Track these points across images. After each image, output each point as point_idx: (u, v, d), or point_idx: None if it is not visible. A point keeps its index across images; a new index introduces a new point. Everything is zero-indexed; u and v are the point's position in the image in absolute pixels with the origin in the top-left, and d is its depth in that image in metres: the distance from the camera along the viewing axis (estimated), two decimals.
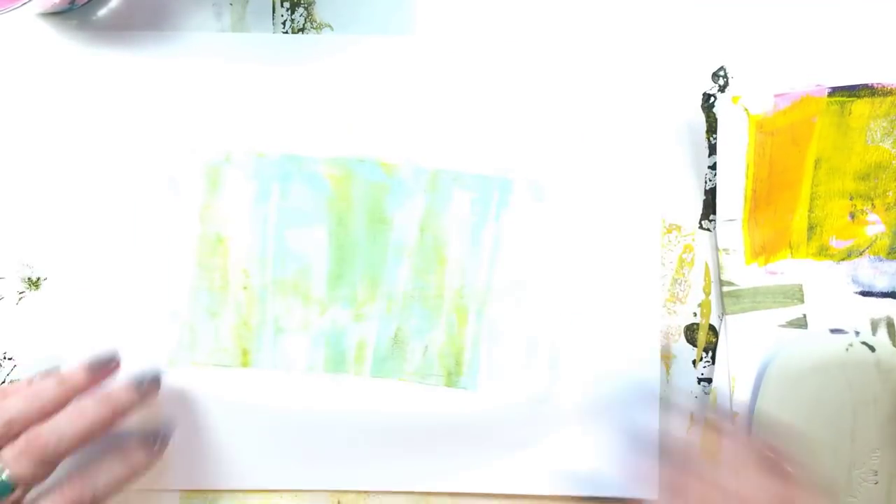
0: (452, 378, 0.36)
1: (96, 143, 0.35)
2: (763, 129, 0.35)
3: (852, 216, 0.36)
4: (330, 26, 0.36)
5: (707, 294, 0.37)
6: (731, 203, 0.35)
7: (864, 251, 0.36)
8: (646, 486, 0.35)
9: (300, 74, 0.35)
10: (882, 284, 0.36)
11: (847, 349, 0.35)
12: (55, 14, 0.35)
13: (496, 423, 0.36)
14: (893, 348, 0.36)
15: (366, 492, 0.38)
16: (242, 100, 0.36)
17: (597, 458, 0.36)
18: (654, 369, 0.37)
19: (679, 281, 0.37)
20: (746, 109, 0.35)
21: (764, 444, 0.32)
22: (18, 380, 0.38)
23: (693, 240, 0.36)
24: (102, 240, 0.35)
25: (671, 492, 0.32)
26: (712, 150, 0.36)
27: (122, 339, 0.35)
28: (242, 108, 0.36)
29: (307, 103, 0.35)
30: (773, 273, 0.36)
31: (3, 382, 0.38)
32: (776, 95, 0.35)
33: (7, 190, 0.36)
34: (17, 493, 0.28)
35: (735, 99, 0.35)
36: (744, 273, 0.36)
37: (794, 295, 0.36)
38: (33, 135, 0.36)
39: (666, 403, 0.36)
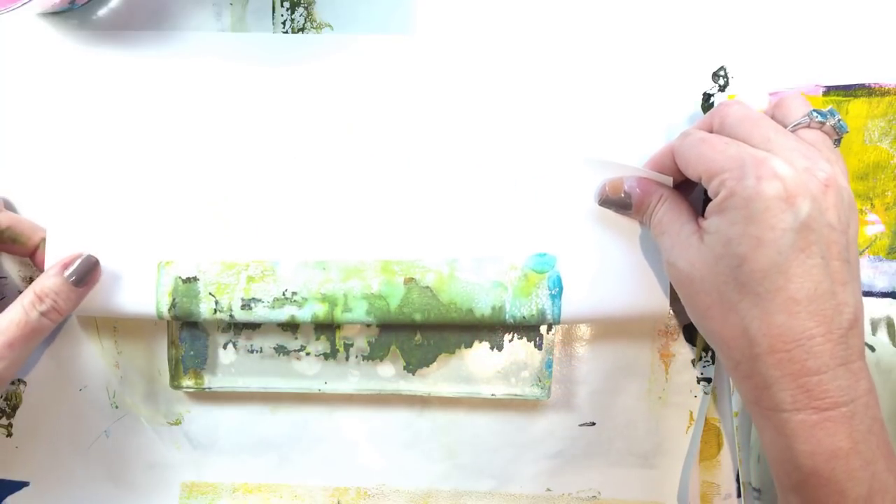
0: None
1: (95, 142, 0.35)
2: None
3: None
4: (330, 26, 0.36)
5: None
6: None
7: (863, 251, 0.36)
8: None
9: (300, 74, 0.35)
10: (882, 284, 0.36)
11: None
12: (55, 14, 0.35)
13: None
14: (893, 348, 0.36)
15: (366, 492, 0.38)
16: (242, 100, 0.36)
17: None
18: (658, 371, 0.37)
19: None
20: None
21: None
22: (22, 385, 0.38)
23: None
24: (100, 239, 0.35)
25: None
26: None
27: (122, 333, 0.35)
28: (242, 108, 0.36)
29: (307, 103, 0.35)
30: None
31: None
32: (771, 94, 0.35)
33: (6, 189, 0.36)
34: None
35: (731, 98, 0.35)
36: None
37: None
38: (33, 134, 0.36)
39: None
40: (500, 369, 0.36)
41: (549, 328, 0.36)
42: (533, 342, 0.36)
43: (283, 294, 0.34)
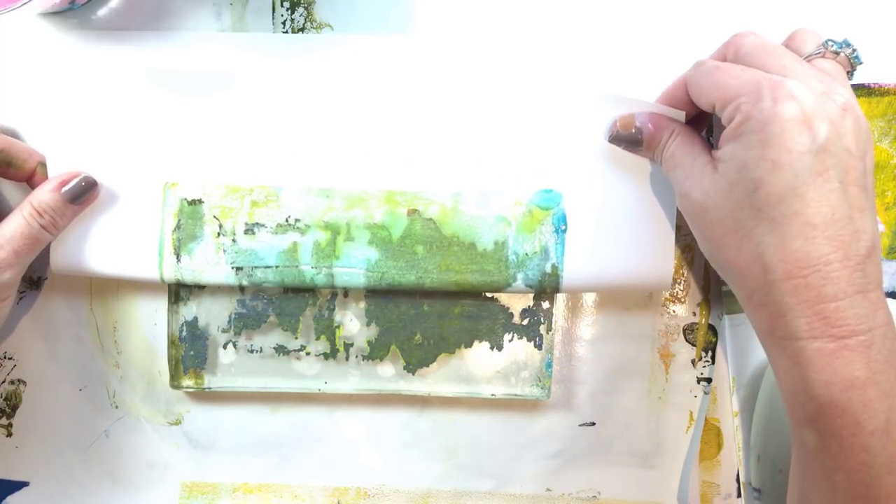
0: None
1: (95, 142, 0.35)
2: None
3: None
4: (330, 26, 0.36)
5: (706, 294, 0.37)
6: None
7: None
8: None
9: (300, 74, 0.35)
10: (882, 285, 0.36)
11: None
12: (55, 14, 0.35)
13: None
14: None
15: (366, 492, 0.38)
16: (242, 100, 0.35)
17: None
18: (658, 371, 0.37)
19: (678, 280, 0.37)
20: None
21: None
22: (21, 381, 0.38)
23: (692, 239, 0.36)
24: (98, 239, 0.35)
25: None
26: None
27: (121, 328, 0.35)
28: (242, 108, 0.35)
29: (307, 103, 0.35)
30: None
31: (3, 383, 0.38)
32: None
33: (6, 190, 0.36)
34: None
35: None
36: None
37: None
38: (33, 135, 0.36)
39: None
40: (500, 369, 0.36)
41: (549, 328, 0.36)
42: (533, 342, 0.36)
43: (287, 220, 0.35)
